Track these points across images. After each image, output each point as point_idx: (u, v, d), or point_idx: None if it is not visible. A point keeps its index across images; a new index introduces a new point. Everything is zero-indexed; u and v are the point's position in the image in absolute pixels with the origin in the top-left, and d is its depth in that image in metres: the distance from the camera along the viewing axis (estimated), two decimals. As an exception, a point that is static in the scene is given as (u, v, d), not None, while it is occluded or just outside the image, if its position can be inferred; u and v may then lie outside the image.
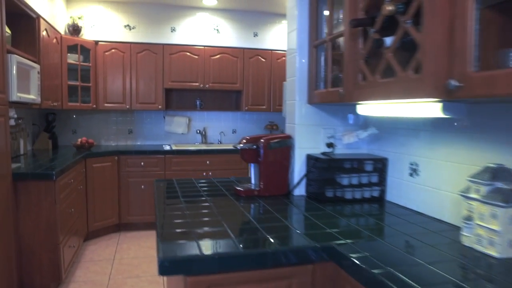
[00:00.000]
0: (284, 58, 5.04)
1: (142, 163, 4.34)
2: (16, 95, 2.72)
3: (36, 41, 3.36)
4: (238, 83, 4.90)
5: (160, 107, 4.67)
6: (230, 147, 4.75)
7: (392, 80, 1.29)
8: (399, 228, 1.47)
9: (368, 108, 1.61)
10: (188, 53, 4.69)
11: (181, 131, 4.95)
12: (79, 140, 4.20)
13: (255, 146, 1.92)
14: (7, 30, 2.81)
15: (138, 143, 4.98)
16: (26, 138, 3.84)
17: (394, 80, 1.28)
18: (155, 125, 5.01)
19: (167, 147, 4.63)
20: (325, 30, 1.94)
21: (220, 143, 5.19)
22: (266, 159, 1.91)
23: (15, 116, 3.07)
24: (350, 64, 1.54)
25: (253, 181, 2.03)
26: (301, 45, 1.98)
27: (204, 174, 4.54)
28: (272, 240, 1.29)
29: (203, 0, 4.47)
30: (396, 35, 1.26)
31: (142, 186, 4.36)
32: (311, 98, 1.96)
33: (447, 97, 1.06)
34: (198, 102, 5.01)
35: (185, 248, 1.19)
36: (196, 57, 4.73)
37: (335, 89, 1.69)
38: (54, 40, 3.86)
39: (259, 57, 4.95)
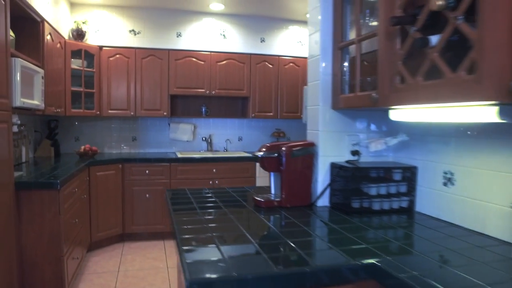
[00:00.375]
0: (291, 64, 4.95)
1: (147, 171, 4.21)
2: (19, 100, 2.61)
3: (40, 46, 3.26)
4: (245, 89, 4.80)
5: (165, 114, 4.56)
6: (237, 155, 4.64)
7: (439, 82, 1.18)
8: (439, 241, 1.35)
9: (404, 113, 1.50)
10: (194, 59, 4.60)
11: (186, 139, 4.83)
12: (82, 147, 4.08)
13: (276, 154, 1.81)
14: (11, 33, 2.70)
15: (142, 151, 4.86)
16: (28, 145, 3.72)
17: (442, 82, 1.17)
18: (159, 132, 4.89)
19: (172, 155, 4.51)
20: (350, 31, 1.84)
21: (226, 150, 5.08)
22: (289, 168, 1.80)
23: (18, 122, 2.95)
24: (385, 66, 1.44)
25: (273, 191, 1.91)
26: (324, 47, 1.88)
27: (211, 182, 4.41)
28: (307, 258, 1.17)
29: (210, 5, 4.39)
30: (443, 33, 1.16)
31: (147, 195, 4.23)
32: (335, 103, 1.85)
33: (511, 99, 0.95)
34: (203, 109, 4.91)
35: (214, 268, 1.07)
36: (202, 62, 4.63)
37: (365, 93, 1.59)
38: (58, 45, 3.76)
39: (266, 63, 4.86)
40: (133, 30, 4.47)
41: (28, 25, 3.19)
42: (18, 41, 3.05)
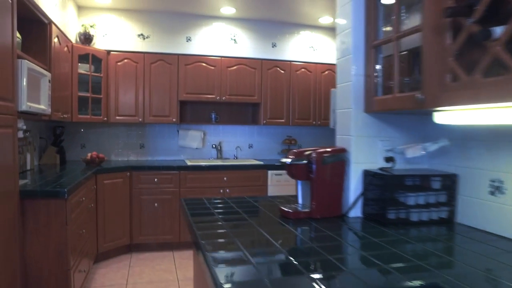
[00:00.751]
0: (303, 69, 4.83)
1: (155, 180, 4.07)
2: (25, 105, 2.48)
3: (47, 49, 3.14)
4: (256, 95, 4.67)
5: (174, 120, 4.43)
6: (248, 162, 4.49)
7: (505, 78, 1.04)
8: (495, 256, 1.20)
9: (453, 115, 1.36)
10: (204, 64, 4.48)
11: (196, 146, 4.70)
12: (89, 154, 3.95)
13: (305, 161, 1.66)
14: (17, 35, 2.59)
15: (150, 158, 4.72)
16: (33, 152, 3.59)
17: (509, 78, 1.03)
18: (168, 139, 4.76)
19: (181, 163, 4.37)
20: (384, 28, 1.71)
21: (236, 158, 4.93)
22: (319, 176, 1.65)
23: (24, 127, 2.83)
24: (432, 63, 1.30)
25: (300, 200, 1.76)
26: (356, 46, 1.74)
27: (221, 191, 4.26)
28: (359, 276, 1.01)
29: (221, 8, 4.28)
30: (510, 23, 1.02)
31: (156, 204, 4.08)
32: (369, 105, 1.71)
33: None
34: (213, 115, 4.77)
35: (255, 292, 0.92)
36: (213, 68, 4.51)
37: (406, 94, 1.45)
38: (65, 49, 3.65)
39: (278, 69, 4.74)
40: (141, 35, 4.36)
41: (35, 27, 3.08)
42: (24, 43, 2.94)
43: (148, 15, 4.38)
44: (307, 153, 1.68)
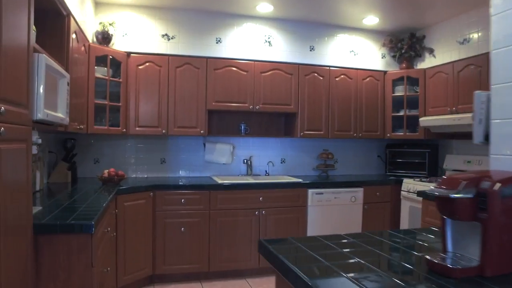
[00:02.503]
0: (343, 76, 4.32)
1: (182, 200, 3.51)
2: (42, 112, 1.93)
3: (64, 46, 2.61)
4: (292, 104, 4.15)
5: (202, 132, 3.89)
6: (287, 180, 3.93)
7: None
8: None
9: None
10: (235, 68, 3.96)
11: (225, 161, 4.14)
12: (106, 171, 3.39)
13: (472, 194, 1.12)
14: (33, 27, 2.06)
15: (172, 175, 4.16)
16: (43, 169, 3.02)
17: None
18: (192, 153, 4.21)
19: (208, 180, 3.81)
20: None
21: (268, 174, 4.38)
22: (496, 215, 1.10)
23: (39, 141, 2.27)
24: None
25: (450, 247, 1.22)
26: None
27: (257, 213, 3.71)
28: None
29: (257, 6, 3.78)
30: None
31: (182, 229, 3.51)
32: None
33: None
34: (242, 127, 4.24)
35: None
36: (245, 73, 3.99)
37: None
38: (82, 48, 3.12)
39: (316, 75, 4.23)
40: (166, 35, 3.85)
41: (50, 19, 2.55)
42: (38, 38, 2.40)
43: (174, 13, 3.88)
44: (468, 180, 1.13)
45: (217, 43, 3.97)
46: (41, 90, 1.91)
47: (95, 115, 3.42)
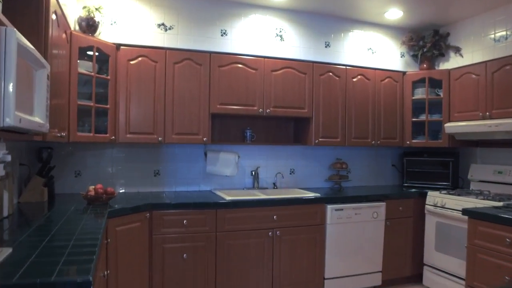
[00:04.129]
0: (360, 76, 3.87)
1: (184, 222, 2.93)
2: (13, 116, 1.34)
3: (41, 28, 2.00)
4: (306, 107, 3.65)
5: (205, 139, 3.32)
6: (303, 195, 3.42)
7: None
8: None
9: None
10: (242, 66, 3.43)
11: (229, 173, 3.58)
12: (92, 188, 2.77)
13: None
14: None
15: (167, 189, 3.57)
16: (12, 187, 2.38)
17: None
18: (191, 164, 3.63)
19: (211, 195, 3.25)
20: None
21: (276, 187, 3.86)
22: None
23: (8, 158, 1.65)
24: None
25: None
26: None
27: (270, 234, 3.17)
28: None
29: (270, -7, 3.27)
30: None
31: (184, 255, 2.93)
32: None
33: None
34: (248, 133, 3.70)
35: None
36: (253, 71, 3.46)
37: None
38: (64, 36, 2.51)
39: (332, 74, 3.75)
40: (163, 24, 3.27)
41: (23, -6, 1.94)
42: (5, 13, 1.79)
43: (172, 0, 3.30)
44: None
45: (222, 35, 3.42)
46: (11, 84, 1.31)
47: (78, 119, 2.80)
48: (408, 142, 4.04)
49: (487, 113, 3.44)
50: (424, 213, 3.73)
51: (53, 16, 2.12)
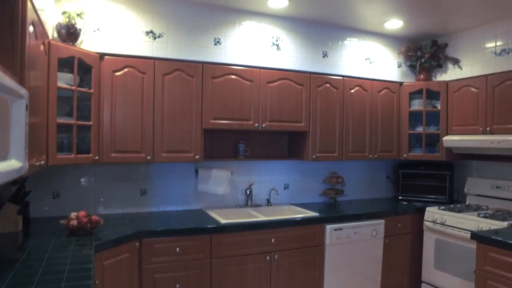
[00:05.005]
0: (357, 87, 3.72)
1: (177, 249, 2.69)
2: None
3: (17, 44, 1.71)
4: (303, 121, 3.46)
5: (197, 157, 3.08)
6: (300, 215, 3.23)
7: None
8: None
9: None
10: (237, 77, 3.20)
11: (222, 191, 3.35)
12: (74, 216, 2.49)
13: None
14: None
15: (155, 209, 3.31)
16: (-19, 222, 2.07)
17: None
18: (181, 182, 3.38)
19: (204, 217, 3.02)
20: None
21: (270, 204, 3.66)
22: None
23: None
24: None
25: None
26: None
27: (268, 258, 2.98)
28: None
29: (269, 1, 3.04)
30: None
31: (177, 285, 2.70)
32: None
33: None
34: (241, 148, 3.48)
35: None
36: (249, 83, 3.24)
37: None
38: (42, 47, 2.21)
39: (329, 86, 3.57)
40: (151, 32, 2.99)
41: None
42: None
43: (161, 5, 3.02)
44: None
45: (215, 44, 3.18)
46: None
47: (58, 139, 2.50)
48: (405, 155, 3.93)
49: (488, 128, 3.36)
50: (422, 228, 3.63)
51: (31, 28, 1.83)
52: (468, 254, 3.10)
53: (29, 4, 1.77)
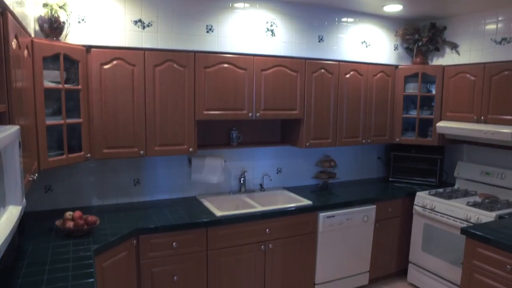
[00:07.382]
0: (353, 72, 3.65)
1: (174, 244, 2.74)
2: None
3: (1, 64, 1.61)
4: (298, 109, 3.41)
5: (191, 149, 3.05)
6: (295, 204, 3.27)
7: None
8: None
9: None
10: (230, 66, 3.10)
11: (216, 180, 3.36)
12: (70, 216, 2.49)
13: None
14: None
15: (149, 199, 3.32)
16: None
17: None
18: (173, 170, 3.37)
19: (198, 206, 3.06)
20: None
21: (263, 189, 3.70)
22: None
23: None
24: None
25: None
26: None
27: (263, 247, 3.07)
28: None
29: (263, -15, 2.88)
30: None
31: (175, 278, 2.79)
32: None
33: None
34: (234, 135, 3.45)
35: None
36: (242, 71, 3.15)
37: None
38: (26, 53, 2.09)
39: (324, 71, 3.49)
40: (140, 21, 2.83)
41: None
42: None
43: (149, -9, 2.84)
44: None
45: (207, 32, 3.03)
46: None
47: (48, 141, 2.44)
48: (397, 139, 3.95)
49: (482, 117, 3.36)
50: (411, 212, 3.73)
51: (13, 43, 1.71)
52: (455, 240, 3.23)
53: (10, 18, 1.63)
